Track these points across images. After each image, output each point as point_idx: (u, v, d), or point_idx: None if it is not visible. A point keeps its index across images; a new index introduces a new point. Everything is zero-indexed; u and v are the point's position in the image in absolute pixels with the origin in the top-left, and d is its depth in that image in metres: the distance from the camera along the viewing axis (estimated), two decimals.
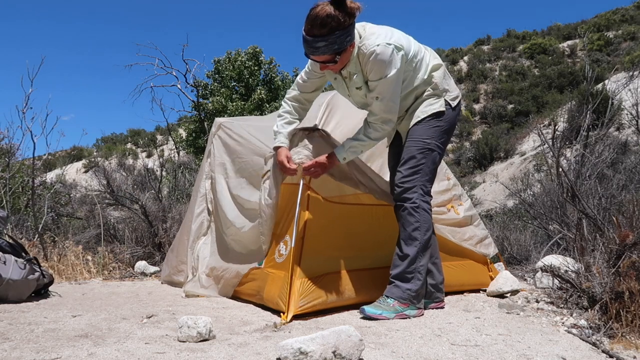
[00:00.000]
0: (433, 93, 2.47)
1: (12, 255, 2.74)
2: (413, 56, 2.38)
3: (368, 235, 2.68)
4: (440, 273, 2.62)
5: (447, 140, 2.54)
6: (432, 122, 2.45)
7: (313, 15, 2.14)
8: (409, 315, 2.34)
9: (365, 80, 2.35)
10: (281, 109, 2.57)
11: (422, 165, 2.43)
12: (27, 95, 4.62)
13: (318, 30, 2.14)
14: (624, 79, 14.13)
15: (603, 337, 2.08)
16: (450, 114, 2.49)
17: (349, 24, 2.17)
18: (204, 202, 3.31)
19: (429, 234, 2.42)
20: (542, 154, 9.96)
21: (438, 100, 2.46)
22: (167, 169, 8.11)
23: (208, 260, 3.09)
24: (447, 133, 2.51)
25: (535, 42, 37.58)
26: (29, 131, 4.65)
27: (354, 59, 2.31)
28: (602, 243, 2.61)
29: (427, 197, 2.45)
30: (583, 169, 4.05)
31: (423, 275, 2.41)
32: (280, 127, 2.51)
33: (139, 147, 36.84)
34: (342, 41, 2.17)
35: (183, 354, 1.72)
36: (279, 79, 16.37)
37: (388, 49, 2.24)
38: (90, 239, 4.98)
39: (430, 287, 2.55)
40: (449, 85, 2.52)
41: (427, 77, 2.46)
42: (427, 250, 2.43)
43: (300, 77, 2.56)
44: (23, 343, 1.84)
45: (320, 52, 2.19)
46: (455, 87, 2.56)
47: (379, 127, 2.38)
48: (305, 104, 2.58)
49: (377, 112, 2.35)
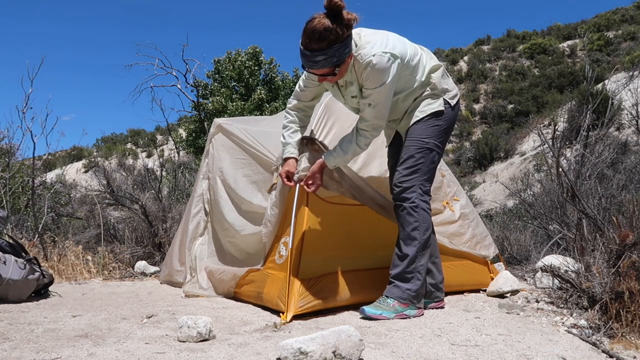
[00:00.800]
0: (432, 93, 2.47)
1: (12, 255, 2.74)
2: (409, 60, 2.37)
3: (368, 236, 2.68)
4: (440, 272, 2.62)
5: (446, 139, 2.54)
6: (430, 121, 2.45)
7: (310, 29, 2.10)
8: (409, 315, 2.34)
9: (360, 88, 2.35)
10: (285, 119, 2.57)
11: (421, 165, 2.43)
12: (27, 95, 4.63)
13: (316, 44, 2.11)
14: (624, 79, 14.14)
15: (603, 337, 2.08)
16: (449, 113, 2.49)
17: (346, 36, 2.14)
18: (200, 202, 3.31)
19: (428, 234, 2.43)
20: (542, 154, 9.96)
21: (437, 99, 2.47)
22: (167, 169, 8.11)
23: (205, 261, 3.10)
24: (446, 132, 2.52)
25: (535, 42, 37.57)
26: (29, 131, 4.65)
27: (350, 67, 2.29)
28: (602, 243, 2.60)
29: (426, 196, 2.45)
30: (583, 169, 4.05)
31: (423, 275, 2.41)
32: (287, 137, 2.51)
33: (139, 147, 36.84)
34: (341, 54, 2.15)
35: (183, 354, 1.72)
36: (279, 79, 16.37)
37: (384, 57, 2.22)
38: (90, 239, 4.99)
39: (430, 287, 2.56)
40: (448, 85, 2.52)
41: (424, 79, 2.45)
42: (427, 249, 2.43)
43: (298, 86, 2.56)
44: (23, 343, 1.84)
45: (319, 65, 2.17)
46: (454, 86, 2.56)
47: (368, 134, 2.37)
48: (307, 111, 2.60)
49: (369, 118, 2.34)
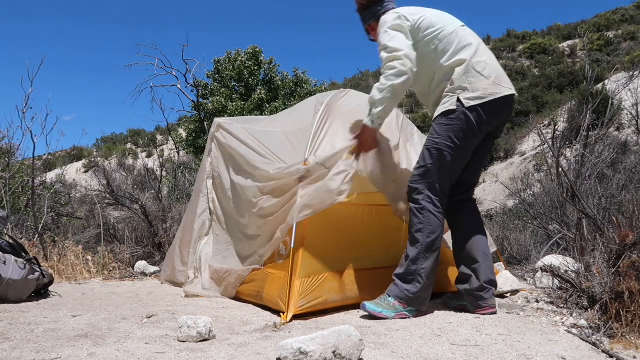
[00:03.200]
0: (449, 90, 2.42)
1: (12, 255, 2.74)
2: (421, 26, 2.45)
3: (368, 236, 2.67)
4: (478, 279, 2.44)
5: (462, 140, 2.39)
6: (442, 120, 2.41)
7: None
8: (409, 315, 2.33)
9: None
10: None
11: (430, 166, 2.40)
12: (27, 95, 4.61)
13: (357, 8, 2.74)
14: (624, 79, 14.15)
15: (603, 337, 2.08)
16: (461, 113, 2.36)
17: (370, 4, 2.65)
18: (205, 202, 3.30)
19: (433, 237, 2.35)
20: (542, 154, 9.96)
21: (451, 98, 2.40)
22: (167, 169, 8.11)
23: (210, 261, 3.09)
24: (463, 132, 2.37)
25: (535, 42, 37.56)
26: (29, 131, 4.64)
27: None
28: (602, 243, 2.60)
29: (435, 198, 2.39)
30: (583, 169, 4.04)
31: (425, 279, 2.34)
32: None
33: (139, 147, 36.84)
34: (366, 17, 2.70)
35: (183, 354, 1.72)
36: (279, 79, 16.34)
37: (391, 15, 2.52)
38: (90, 239, 4.98)
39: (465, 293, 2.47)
40: (471, 84, 2.38)
41: (447, 67, 2.42)
42: (432, 253, 2.36)
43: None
44: (23, 343, 1.84)
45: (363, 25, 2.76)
46: (481, 87, 2.37)
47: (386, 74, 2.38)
48: None
49: (383, 60, 2.42)
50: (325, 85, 17.32)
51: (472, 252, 2.48)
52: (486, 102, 2.37)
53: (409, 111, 29.97)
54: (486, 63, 2.43)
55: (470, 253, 2.49)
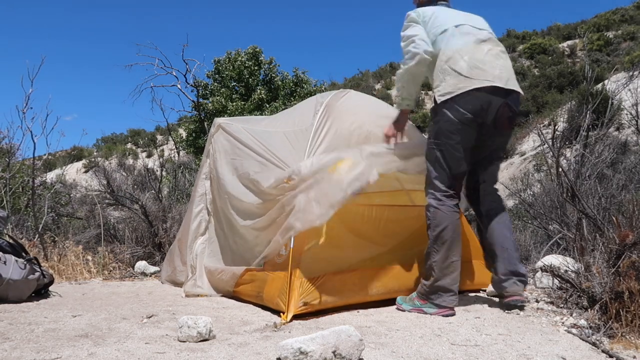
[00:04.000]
0: (433, 88, 2.50)
1: (12, 255, 2.74)
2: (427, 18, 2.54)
3: (369, 236, 2.67)
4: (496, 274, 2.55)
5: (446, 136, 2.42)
6: (432, 119, 2.54)
7: None
8: (426, 312, 2.41)
9: None
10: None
11: (428, 165, 2.55)
12: (27, 95, 4.62)
13: None
14: (624, 79, 14.14)
15: (603, 337, 2.08)
16: (440, 109, 2.44)
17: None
18: (202, 202, 3.31)
19: (438, 229, 2.43)
20: (542, 154, 9.96)
21: (433, 96, 2.53)
22: (167, 169, 8.12)
23: (206, 260, 3.10)
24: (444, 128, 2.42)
25: (535, 42, 37.56)
26: (29, 131, 4.64)
27: None
28: (602, 243, 2.60)
29: (437, 193, 2.48)
30: (583, 169, 4.04)
31: (437, 271, 2.41)
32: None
33: (139, 147, 36.87)
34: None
35: (183, 354, 1.72)
36: (279, 79, 16.35)
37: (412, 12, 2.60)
38: (90, 239, 4.98)
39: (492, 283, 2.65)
40: (444, 81, 2.42)
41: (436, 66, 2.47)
42: (441, 245, 2.41)
43: None
44: (23, 343, 1.84)
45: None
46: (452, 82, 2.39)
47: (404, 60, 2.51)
48: None
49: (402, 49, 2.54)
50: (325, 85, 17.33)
51: (492, 247, 2.58)
52: (456, 95, 2.38)
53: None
54: (463, 59, 2.41)
55: (490, 247, 2.59)
